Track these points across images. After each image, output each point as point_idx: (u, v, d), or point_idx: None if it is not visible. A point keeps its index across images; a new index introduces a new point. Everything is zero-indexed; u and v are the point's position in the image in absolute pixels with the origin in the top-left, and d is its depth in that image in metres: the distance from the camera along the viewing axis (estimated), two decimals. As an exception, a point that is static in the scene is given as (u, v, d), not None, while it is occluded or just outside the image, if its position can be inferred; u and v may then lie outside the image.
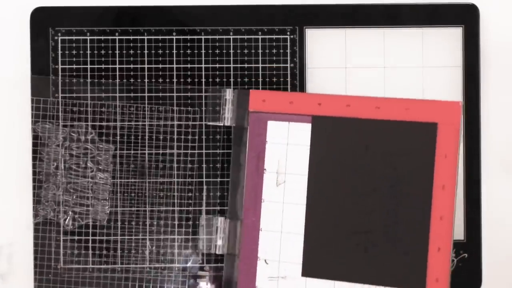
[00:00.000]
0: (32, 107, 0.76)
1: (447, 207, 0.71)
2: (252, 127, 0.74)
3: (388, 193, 0.72)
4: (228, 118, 0.76)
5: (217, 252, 0.76)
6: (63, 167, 0.76)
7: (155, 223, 0.76)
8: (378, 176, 0.72)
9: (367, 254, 0.72)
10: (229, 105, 0.75)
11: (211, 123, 0.76)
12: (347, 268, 0.72)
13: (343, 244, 0.72)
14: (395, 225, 0.72)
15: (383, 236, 0.72)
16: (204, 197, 0.76)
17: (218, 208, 0.76)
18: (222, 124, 0.76)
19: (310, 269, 0.73)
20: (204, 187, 0.76)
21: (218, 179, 0.76)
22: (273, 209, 0.74)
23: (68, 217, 0.76)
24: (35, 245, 0.76)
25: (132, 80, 0.77)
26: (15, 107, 0.77)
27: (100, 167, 0.76)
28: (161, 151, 0.76)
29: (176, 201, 0.77)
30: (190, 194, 0.77)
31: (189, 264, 0.77)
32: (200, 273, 0.76)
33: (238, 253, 0.75)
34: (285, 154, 0.74)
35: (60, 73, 0.77)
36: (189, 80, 0.77)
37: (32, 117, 0.76)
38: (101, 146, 0.76)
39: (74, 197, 0.76)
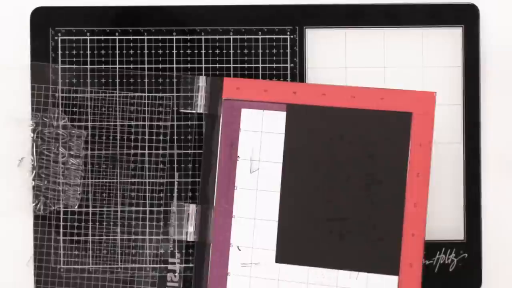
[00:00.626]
0: (32, 94, 0.76)
1: (421, 194, 0.72)
2: (225, 115, 0.75)
3: (363, 181, 0.73)
4: (200, 105, 0.76)
5: (188, 239, 0.76)
6: (34, 152, 0.76)
7: (154, 224, 0.76)
8: (352, 164, 0.73)
9: (341, 240, 0.73)
10: (202, 92, 0.76)
11: (184, 110, 0.76)
12: (322, 254, 0.73)
13: (317, 230, 0.73)
14: (370, 212, 0.72)
15: (358, 222, 0.73)
16: (176, 184, 0.76)
17: (190, 194, 0.76)
18: (195, 112, 0.76)
19: (284, 256, 0.74)
20: (176, 173, 0.76)
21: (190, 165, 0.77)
22: (246, 196, 0.74)
23: (40, 203, 0.76)
24: (35, 245, 0.76)
25: (132, 80, 0.77)
26: (16, 106, 0.77)
27: (72, 153, 0.76)
28: (161, 152, 0.76)
29: (168, 201, 0.77)
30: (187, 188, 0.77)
31: (189, 264, 0.77)
32: (171, 260, 0.76)
33: (210, 240, 0.75)
34: (259, 142, 0.74)
35: (60, 73, 0.77)
36: (188, 80, 0.77)
37: (33, 104, 0.76)
38: (73, 131, 0.76)
39: (46, 182, 0.76)
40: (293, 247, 0.73)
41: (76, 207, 0.76)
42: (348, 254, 0.73)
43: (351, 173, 0.73)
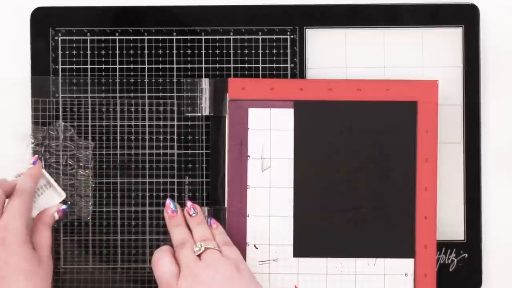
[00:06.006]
0: (33, 108, 0.76)
1: (431, 178, 0.75)
2: (232, 115, 0.75)
3: (374, 170, 0.75)
4: (205, 107, 0.76)
5: None
6: (43, 166, 0.76)
7: (154, 223, 0.77)
8: (363, 154, 0.75)
9: (357, 229, 0.75)
10: (206, 95, 0.76)
11: (189, 114, 0.76)
12: (339, 245, 0.75)
13: (333, 222, 0.75)
14: (382, 199, 0.75)
15: (371, 210, 0.75)
16: (187, 189, 0.77)
17: (199, 194, 0.77)
18: (200, 115, 0.76)
19: (301, 249, 0.75)
20: (186, 180, 0.77)
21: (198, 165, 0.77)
22: (259, 194, 0.75)
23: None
24: (35, 245, 0.76)
25: (132, 80, 0.77)
26: (15, 107, 0.77)
27: (81, 164, 0.76)
28: (162, 151, 0.77)
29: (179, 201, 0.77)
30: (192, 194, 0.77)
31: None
32: None
33: None
34: (269, 140, 0.75)
35: (60, 73, 0.77)
36: (189, 80, 0.77)
37: (35, 119, 0.76)
38: (80, 143, 0.76)
39: None
40: (310, 240, 0.75)
41: (89, 218, 0.76)
42: (364, 242, 0.75)
43: (362, 163, 0.75)
